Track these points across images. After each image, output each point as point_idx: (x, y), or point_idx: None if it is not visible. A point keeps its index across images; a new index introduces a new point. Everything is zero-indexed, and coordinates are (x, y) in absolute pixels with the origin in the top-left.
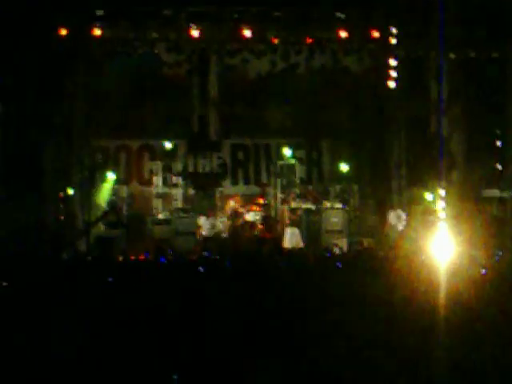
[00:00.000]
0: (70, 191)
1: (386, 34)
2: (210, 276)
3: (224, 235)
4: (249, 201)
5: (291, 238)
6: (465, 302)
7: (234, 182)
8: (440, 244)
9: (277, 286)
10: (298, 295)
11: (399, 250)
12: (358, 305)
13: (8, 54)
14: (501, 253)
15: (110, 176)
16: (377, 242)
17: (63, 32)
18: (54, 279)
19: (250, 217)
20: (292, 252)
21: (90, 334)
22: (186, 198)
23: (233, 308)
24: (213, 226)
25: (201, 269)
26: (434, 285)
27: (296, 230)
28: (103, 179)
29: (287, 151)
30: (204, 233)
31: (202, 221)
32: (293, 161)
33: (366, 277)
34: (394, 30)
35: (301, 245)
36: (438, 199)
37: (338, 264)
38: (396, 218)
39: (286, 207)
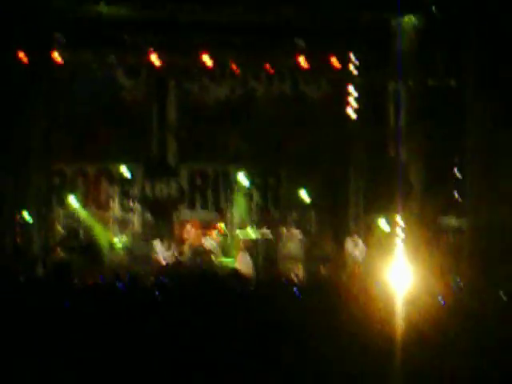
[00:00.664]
0: (27, 215)
1: (345, 62)
2: (165, 302)
3: (179, 259)
4: (206, 226)
5: (242, 264)
6: (422, 330)
7: (192, 208)
8: (397, 272)
9: (228, 310)
10: (252, 322)
11: (356, 277)
12: (314, 334)
13: None
14: (458, 282)
15: (70, 200)
16: (333, 269)
17: (22, 55)
18: (10, 302)
19: (206, 242)
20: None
21: (45, 357)
22: (143, 223)
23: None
24: (168, 250)
25: (156, 294)
26: (391, 313)
27: (247, 256)
28: (61, 203)
29: (244, 178)
30: (159, 257)
31: (157, 245)
32: (250, 187)
33: (323, 305)
34: (353, 58)
35: (251, 271)
36: (395, 227)
37: (294, 291)
38: (353, 246)
39: (241, 233)
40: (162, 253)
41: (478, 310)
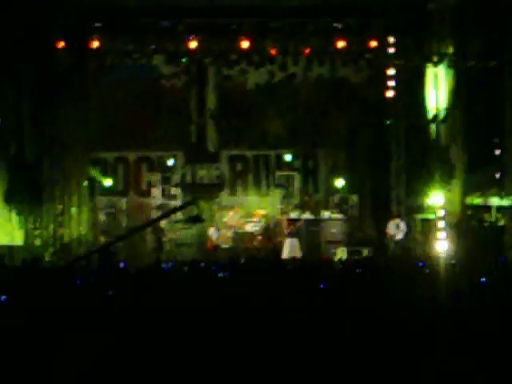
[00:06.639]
0: (70, 204)
1: (383, 44)
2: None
3: (225, 245)
4: (248, 211)
5: (290, 249)
6: (464, 308)
7: (232, 193)
8: (441, 251)
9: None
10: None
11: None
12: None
13: (6, 67)
14: (501, 260)
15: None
16: (375, 251)
17: (61, 44)
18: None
19: (249, 227)
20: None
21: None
22: (184, 210)
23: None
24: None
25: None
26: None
27: (295, 241)
28: (102, 191)
29: (288, 159)
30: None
31: (212, 231)
32: (291, 172)
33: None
34: (391, 40)
35: (299, 255)
36: (437, 208)
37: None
38: (395, 228)
39: (284, 217)
40: (214, 238)
41: None
